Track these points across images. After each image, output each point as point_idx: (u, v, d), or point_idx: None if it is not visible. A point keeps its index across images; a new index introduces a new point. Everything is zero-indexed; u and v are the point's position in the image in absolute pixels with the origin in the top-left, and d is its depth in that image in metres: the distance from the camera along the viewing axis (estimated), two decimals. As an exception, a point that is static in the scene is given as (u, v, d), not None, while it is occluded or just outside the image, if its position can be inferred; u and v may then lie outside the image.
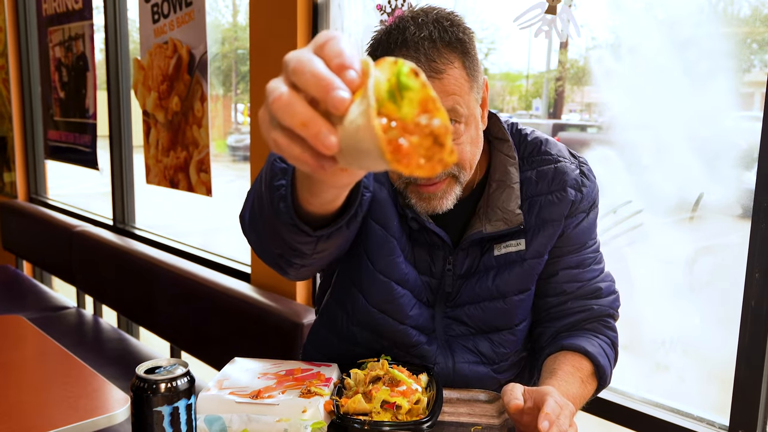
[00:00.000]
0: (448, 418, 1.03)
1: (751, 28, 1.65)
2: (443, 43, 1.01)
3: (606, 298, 1.21)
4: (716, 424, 1.46)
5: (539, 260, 1.18)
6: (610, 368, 1.17)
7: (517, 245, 1.16)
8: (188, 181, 2.75)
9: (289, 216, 0.84)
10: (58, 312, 3.14)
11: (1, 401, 1.41)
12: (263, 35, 2.24)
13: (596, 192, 1.21)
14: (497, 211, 1.13)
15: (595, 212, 1.23)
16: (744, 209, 1.48)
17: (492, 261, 1.16)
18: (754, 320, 1.35)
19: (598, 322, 1.20)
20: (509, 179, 1.14)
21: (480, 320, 1.19)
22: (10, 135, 4.29)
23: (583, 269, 1.20)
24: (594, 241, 1.23)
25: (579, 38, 1.58)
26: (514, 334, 1.21)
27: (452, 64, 1.02)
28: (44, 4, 3.79)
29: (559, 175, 1.16)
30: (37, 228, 3.56)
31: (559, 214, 1.16)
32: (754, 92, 1.59)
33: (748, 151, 1.55)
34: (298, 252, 0.93)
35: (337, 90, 0.53)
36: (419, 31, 1.01)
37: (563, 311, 1.20)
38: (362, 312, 1.20)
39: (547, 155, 1.18)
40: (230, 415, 0.90)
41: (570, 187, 1.16)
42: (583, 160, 1.22)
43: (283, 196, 0.85)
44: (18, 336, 1.84)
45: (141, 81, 2.95)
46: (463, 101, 1.03)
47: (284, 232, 0.88)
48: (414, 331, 1.18)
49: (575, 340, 1.16)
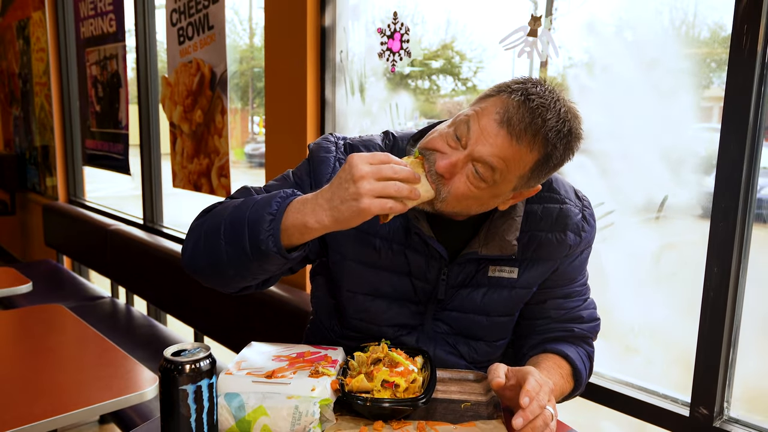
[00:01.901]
0: (441, 396, 1.03)
1: (710, 49, 1.64)
2: (545, 134, 0.95)
3: (587, 323, 1.20)
4: (679, 400, 1.46)
5: (528, 291, 1.16)
6: (585, 375, 1.17)
7: (510, 272, 1.13)
8: (210, 185, 2.75)
9: (277, 248, 0.93)
10: (94, 301, 3.15)
11: (45, 380, 1.41)
12: (277, 55, 2.24)
13: (593, 235, 1.18)
14: (496, 237, 1.09)
15: (588, 251, 1.20)
16: (704, 210, 1.48)
17: (485, 280, 1.14)
18: (713, 309, 1.35)
19: (578, 340, 1.20)
20: (514, 212, 1.10)
21: (463, 327, 1.17)
22: (52, 144, 4.30)
23: (569, 300, 1.19)
24: (583, 276, 1.21)
25: (557, 58, 1.58)
26: (490, 347, 1.20)
27: (530, 150, 0.96)
28: (82, 27, 3.80)
29: (563, 217, 1.13)
30: (76, 227, 3.56)
31: (556, 255, 1.13)
32: (712, 106, 1.58)
33: (707, 158, 1.55)
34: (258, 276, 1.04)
35: (413, 173, 0.92)
36: (546, 112, 0.94)
37: (546, 330, 1.19)
38: (343, 320, 1.21)
39: (555, 194, 1.14)
40: (247, 393, 0.90)
41: (570, 231, 1.13)
42: (587, 203, 1.18)
43: (271, 236, 0.93)
44: (59, 323, 1.84)
45: (168, 96, 2.95)
46: (504, 173, 0.97)
47: (262, 263, 0.97)
48: (390, 328, 1.17)
49: (558, 345, 1.16)
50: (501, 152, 0.96)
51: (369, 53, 2.10)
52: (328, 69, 2.14)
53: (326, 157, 1.14)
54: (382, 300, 1.16)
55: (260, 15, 2.29)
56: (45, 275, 3.55)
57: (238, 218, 0.98)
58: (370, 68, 2.12)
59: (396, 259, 1.13)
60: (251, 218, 0.95)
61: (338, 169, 1.11)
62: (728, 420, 1.39)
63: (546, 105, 0.95)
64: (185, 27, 2.74)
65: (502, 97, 0.97)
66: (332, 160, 1.14)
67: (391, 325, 1.17)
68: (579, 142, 1.00)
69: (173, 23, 2.81)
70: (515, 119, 0.94)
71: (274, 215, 0.93)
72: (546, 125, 0.94)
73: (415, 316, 1.17)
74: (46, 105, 4.29)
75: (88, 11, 3.69)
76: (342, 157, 1.14)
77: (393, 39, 1.88)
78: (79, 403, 1.28)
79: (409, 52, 1.87)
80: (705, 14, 1.65)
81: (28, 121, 4.68)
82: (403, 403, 0.93)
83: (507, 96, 0.97)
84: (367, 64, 2.12)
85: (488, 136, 0.96)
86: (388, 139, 1.18)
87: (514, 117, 0.94)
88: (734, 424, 1.37)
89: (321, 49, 2.13)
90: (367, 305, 1.16)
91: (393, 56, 1.88)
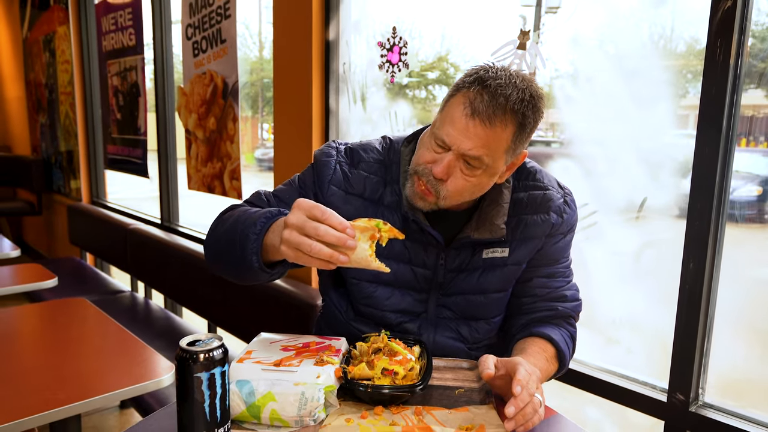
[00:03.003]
0: (437, 383, 1.03)
1: (686, 61, 1.64)
2: (511, 108, 0.97)
3: (570, 303, 1.20)
4: (658, 387, 1.46)
5: (518, 267, 1.17)
6: (569, 355, 1.17)
7: (501, 252, 1.15)
8: (222, 187, 2.75)
9: (258, 264, 0.97)
10: (115, 295, 3.14)
11: (69, 368, 1.41)
12: (284, 67, 2.24)
13: (575, 219, 1.20)
14: (486, 222, 1.11)
15: (571, 235, 1.21)
16: (680, 210, 1.48)
17: (480, 262, 1.15)
18: (689, 302, 1.35)
19: (561, 319, 1.20)
20: (501, 199, 1.13)
21: (464, 309, 1.18)
22: (76, 149, 4.29)
23: (553, 279, 1.19)
24: (566, 259, 1.22)
25: (544, 69, 1.58)
26: (489, 324, 1.20)
27: (506, 126, 0.98)
28: (104, 41, 3.79)
29: (546, 201, 1.15)
30: (98, 226, 3.56)
31: (540, 233, 1.15)
32: (689, 114, 1.58)
33: (683, 162, 1.55)
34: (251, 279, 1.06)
35: (348, 240, 0.87)
36: (505, 88, 0.96)
37: (533, 308, 1.20)
38: (351, 306, 1.21)
39: (539, 182, 1.17)
40: (257, 380, 0.90)
41: (553, 212, 1.15)
42: (568, 191, 1.20)
43: (254, 254, 0.97)
44: (82, 315, 1.84)
45: (183, 105, 2.95)
46: (492, 156, 0.99)
47: (250, 271, 1.00)
48: (393, 314, 1.17)
49: (542, 329, 1.16)
50: (480, 141, 0.98)
51: (370, 65, 2.10)
52: (332, 80, 2.14)
53: (327, 161, 1.16)
54: (384, 287, 1.16)
55: (269, 30, 2.29)
56: (69, 271, 3.55)
57: (232, 234, 1.02)
58: (370, 79, 2.12)
59: (396, 248, 1.14)
60: (241, 235, 0.99)
61: (339, 172, 1.14)
62: (703, 405, 1.39)
63: (503, 84, 0.97)
64: (199, 41, 2.74)
65: (462, 93, 1.00)
66: (333, 163, 1.15)
67: (393, 311, 1.17)
68: (543, 101, 1.01)
69: (188, 37, 2.81)
70: (481, 107, 0.96)
71: (257, 234, 0.97)
72: (509, 100, 0.96)
73: (418, 304, 1.18)
74: (71, 113, 4.29)
75: (110, 26, 3.69)
76: (343, 160, 1.16)
77: (392, 52, 1.88)
78: (101, 389, 1.29)
79: (407, 64, 1.87)
80: (681, 29, 1.65)
81: (53, 127, 4.67)
82: (401, 390, 0.93)
83: (466, 90, 0.99)
84: (368, 75, 2.12)
85: (464, 131, 0.98)
86: (385, 142, 1.20)
87: (479, 106, 0.97)
88: (708, 408, 1.37)
89: (325, 61, 2.13)
90: (370, 291, 1.16)
91: (392, 68, 1.89)
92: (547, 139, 3.39)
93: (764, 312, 1.61)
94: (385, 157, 1.17)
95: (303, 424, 0.89)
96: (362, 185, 1.14)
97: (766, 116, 2.12)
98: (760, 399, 1.40)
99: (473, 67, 1.03)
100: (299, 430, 0.88)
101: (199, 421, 0.80)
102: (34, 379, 1.34)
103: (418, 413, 0.92)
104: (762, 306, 1.61)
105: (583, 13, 1.63)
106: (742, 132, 1.78)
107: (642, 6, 1.65)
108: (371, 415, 0.91)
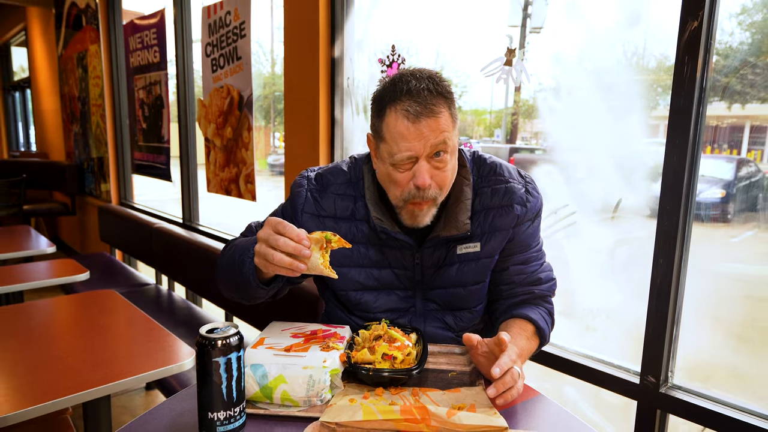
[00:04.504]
0: (432, 366, 1.03)
1: (657, 76, 1.64)
2: (437, 93, 0.99)
3: (545, 284, 1.19)
4: (631, 370, 1.46)
5: (491, 259, 1.15)
6: (548, 330, 1.16)
7: (474, 247, 1.13)
8: (238, 190, 2.75)
9: (255, 282, 1.02)
10: (141, 287, 3.14)
11: (100, 353, 1.41)
12: (294, 81, 2.24)
13: (539, 204, 1.17)
14: (452, 220, 1.09)
15: (538, 220, 1.19)
16: (651, 211, 1.48)
17: (455, 257, 1.14)
18: (659, 293, 1.35)
19: (539, 299, 1.19)
20: (464, 196, 1.11)
21: (447, 301, 1.17)
22: (106, 156, 4.29)
23: (527, 265, 1.18)
24: (537, 243, 1.20)
25: (529, 84, 1.58)
26: (471, 313, 1.19)
27: (443, 109, 1.00)
28: (131, 58, 3.79)
29: (509, 193, 1.13)
30: (126, 225, 3.56)
31: (507, 224, 1.13)
32: (659, 124, 1.59)
33: (654, 167, 1.55)
34: (253, 298, 1.11)
35: (303, 250, 0.90)
36: (419, 84, 0.99)
37: (512, 294, 1.18)
38: (345, 310, 1.22)
39: (500, 176, 1.14)
40: (269, 364, 0.90)
41: (517, 204, 1.12)
42: (529, 179, 1.17)
43: (251, 274, 1.02)
44: (111, 305, 1.84)
45: (203, 115, 2.95)
46: (450, 137, 1.01)
47: (251, 289, 1.05)
48: (383, 314, 1.16)
49: (522, 310, 1.15)
50: (438, 129, 0.99)
51: (371, 80, 2.10)
52: (337, 93, 2.14)
53: (299, 191, 1.16)
54: (370, 293, 1.16)
55: (280, 48, 2.28)
56: (100, 265, 3.55)
57: (232, 261, 1.08)
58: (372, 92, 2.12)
59: (375, 256, 1.13)
60: (239, 260, 1.04)
61: (310, 199, 1.15)
62: (672, 386, 1.39)
63: (413, 81, 1.00)
64: (218, 58, 2.74)
65: (392, 111, 1.01)
66: (304, 192, 1.16)
67: (383, 311, 1.16)
68: (439, 72, 1.04)
69: (207, 54, 2.81)
70: (416, 108, 0.98)
71: (251, 257, 1.00)
72: (427, 88, 0.99)
73: (405, 300, 1.17)
74: (101, 123, 4.29)
75: (136, 44, 3.69)
76: (313, 187, 1.16)
77: (392, 67, 1.88)
78: (129, 372, 1.29)
79: (404, 79, 1.86)
80: (652, 47, 1.65)
81: (86, 136, 4.67)
82: (399, 373, 0.93)
83: (395, 105, 1.01)
84: (370, 89, 2.12)
85: (419, 135, 0.99)
86: (351, 161, 1.20)
87: (414, 108, 0.98)
88: (677, 390, 1.37)
89: (331, 76, 2.13)
90: (358, 299, 1.16)
91: (391, 82, 1.88)
92: (531, 146, 3.39)
93: (727, 303, 1.62)
94: (352, 175, 1.16)
95: (311, 404, 0.89)
96: (333, 206, 1.14)
97: (729, 126, 2.12)
98: (723, 380, 1.40)
99: (376, 91, 1.06)
100: (307, 409, 0.88)
101: (217, 400, 0.80)
102: (69, 363, 1.34)
103: (414, 394, 0.92)
104: (725, 297, 1.61)
105: (564, 33, 1.63)
106: (707, 140, 1.78)
107: (617, 26, 1.66)
108: (372, 395, 0.91)
